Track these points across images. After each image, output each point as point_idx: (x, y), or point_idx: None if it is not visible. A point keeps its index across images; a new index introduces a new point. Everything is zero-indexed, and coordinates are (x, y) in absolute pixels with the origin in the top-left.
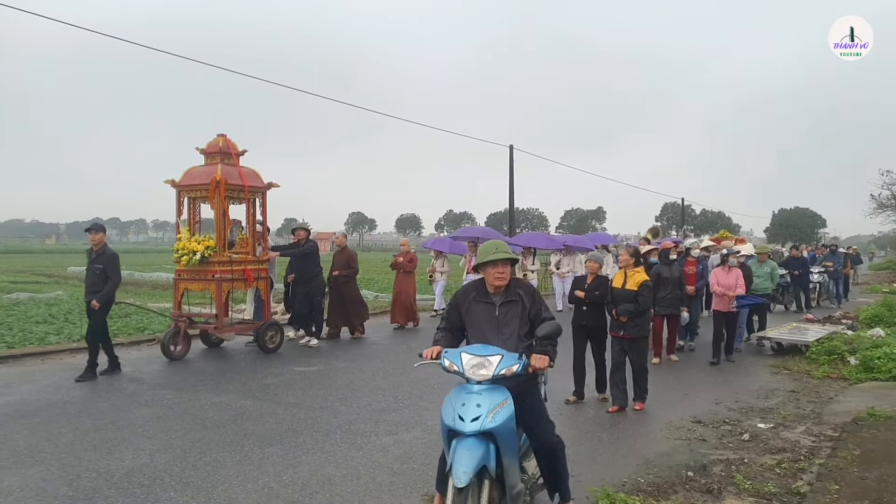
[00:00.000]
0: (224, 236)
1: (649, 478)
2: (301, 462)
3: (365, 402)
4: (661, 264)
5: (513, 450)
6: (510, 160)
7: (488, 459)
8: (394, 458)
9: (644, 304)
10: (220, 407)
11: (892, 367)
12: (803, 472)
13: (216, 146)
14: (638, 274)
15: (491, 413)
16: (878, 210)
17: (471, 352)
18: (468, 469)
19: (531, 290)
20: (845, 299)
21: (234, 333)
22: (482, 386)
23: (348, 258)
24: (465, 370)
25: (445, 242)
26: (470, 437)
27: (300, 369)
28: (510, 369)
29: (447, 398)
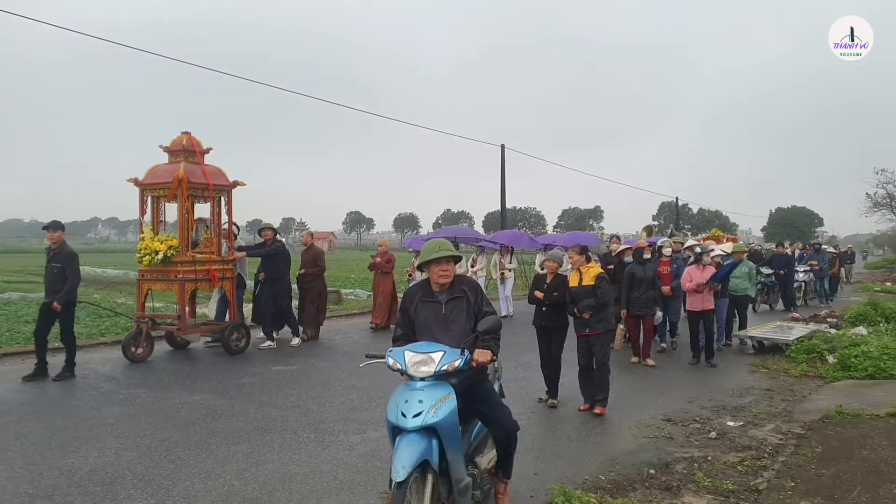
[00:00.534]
0: (187, 236)
1: (611, 475)
2: (265, 460)
3: (338, 402)
4: (634, 264)
5: (456, 444)
6: (502, 159)
7: (430, 454)
8: (358, 456)
9: (604, 297)
10: (192, 406)
11: (867, 365)
12: (764, 470)
13: (180, 144)
14: (592, 269)
15: (433, 408)
16: (873, 209)
17: (414, 349)
18: (406, 464)
19: (474, 286)
20: (831, 298)
21: (200, 335)
22: (425, 382)
23: (315, 256)
24: (407, 367)
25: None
26: (412, 433)
27: (279, 368)
28: (452, 364)
29: (392, 396)
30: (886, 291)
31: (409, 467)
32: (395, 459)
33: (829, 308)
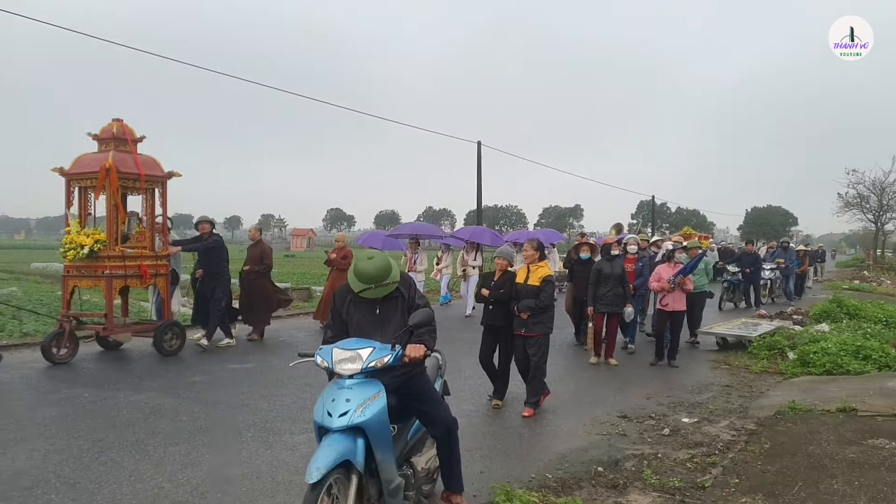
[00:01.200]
0: (116, 229)
1: (558, 473)
2: (202, 461)
3: (289, 400)
4: (602, 260)
5: (385, 444)
6: (478, 156)
7: (354, 455)
8: (301, 457)
9: (545, 301)
10: (135, 405)
11: (825, 361)
12: (713, 467)
13: (109, 132)
14: (541, 269)
15: (360, 407)
16: (844, 209)
17: (343, 346)
18: (321, 465)
19: (407, 281)
20: (797, 296)
21: (131, 335)
22: (354, 380)
23: (262, 253)
24: (334, 365)
25: (379, 238)
26: (336, 433)
27: (233, 366)
28: (381, 361)
29: (320, 396)
30: (854, 289)
31: (322, 469)
32: (311, 461)
33: (794, 306)
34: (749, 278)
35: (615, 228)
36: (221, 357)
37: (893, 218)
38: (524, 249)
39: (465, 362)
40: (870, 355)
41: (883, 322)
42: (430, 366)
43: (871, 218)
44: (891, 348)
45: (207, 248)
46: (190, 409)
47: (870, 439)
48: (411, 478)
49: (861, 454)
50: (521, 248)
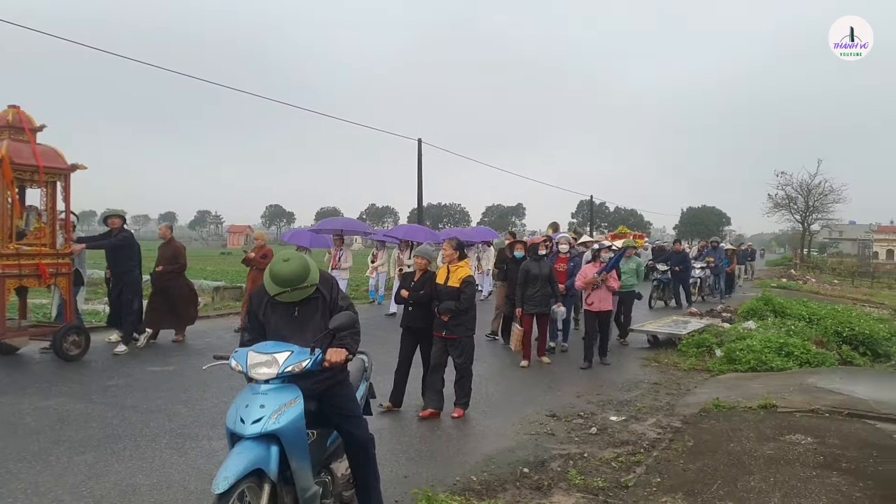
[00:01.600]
0: (10, 224)
1: (483, 476)
2: (110, 471)
3: (210, 404)
4: (530, 260)
5: (301, 451)
6: (419, 154)
7: (266, 463)
8: (216, 464)
9: (466, 302)
10: (43, 412)
11: (750, 358)
12: (638, 465)
13: (4, 119)
14: (461, 269)
15: (275, 414)
16: (774, 209)
17: (259, 349)
18: (229, 474)
19: (329, 282)
20: (728, 294)
21: (28, 338)
22: (269, 385)
23: (174, 252)
24: (248, 370)
25: (305, 236)
26: (248, 440)
27: (154, 369)
28: (299, 365)
29: (234, 401)
30: (781, 287)
31: (231, 478)
32: (220, 469)
33: (724, 303)
34: (678, 277)
35: (552, 227)
36: (142, 359)
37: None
38: (443, 249)
39: (394, 363)
40: (792, 352)
41: (806, 319)
42: (355, 368)
43: (799, 218)
44: (811, 345)
45: (116, 245)
46: (102, 415)
47: (787, 435)
48: (329, 484)
49: (778, 450)
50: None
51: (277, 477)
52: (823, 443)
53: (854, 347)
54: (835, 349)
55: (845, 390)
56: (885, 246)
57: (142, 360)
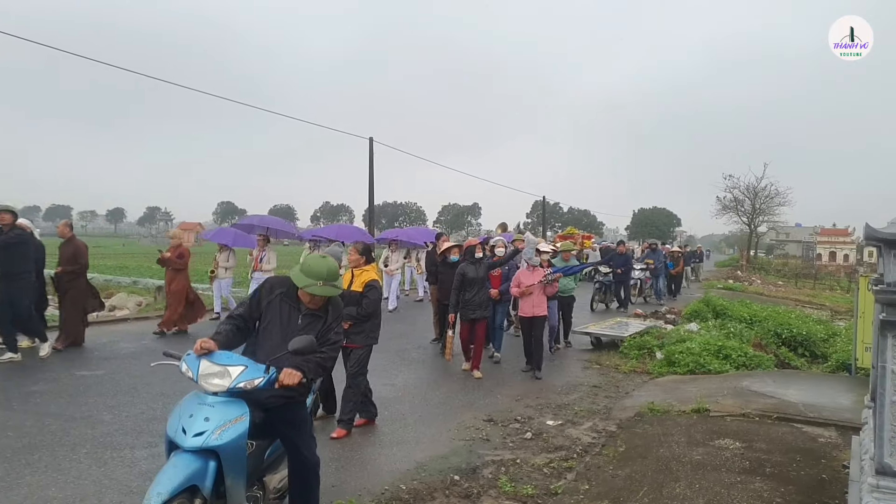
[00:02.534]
0: None
1: (413, 484)
2: (21, 483)
3: (138, 411)
4: (466, 263)
5: (239, 470)
6: (370, 152)
7: (202, 479)
8: (138, 475)
9: (368, 307)
10: None
11: (689, 361)
12: (569, 471)
13: None
14: (366, 273)
15: (219, 429)
16: (722, 211)
17: (213, 359)
18: (163, 490)
19: (338, 310)
20: (672, 296)
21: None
22: (218, 398)
23: (75, 251)
24: (198, 378)
25: (229, 234)
26: (186, 453)
27: (82, 373)
28: (251, 382)
29: (177, 405)
30: (727, 288)
31: (164, 494)
32: (154, 483)
33: (668, 305)
34: (620, 279)
35: (500, 227)
36: (72, 362)
37: (765, 221)
38: (349, 254)
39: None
40: (730, 355)
41: (747, 321)
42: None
43: (746, 220)
44: (749, 348)
45: (7, 244)
46: (20, 422)
47: (717, 440)
48: (260, 499)
49: (706, 455)
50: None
51: (210, 493)
52: (750, 447)
53: (792, 349)
54: (773, 351)
55: (777, 393)
56: (827, 248)
57: (72, 362)
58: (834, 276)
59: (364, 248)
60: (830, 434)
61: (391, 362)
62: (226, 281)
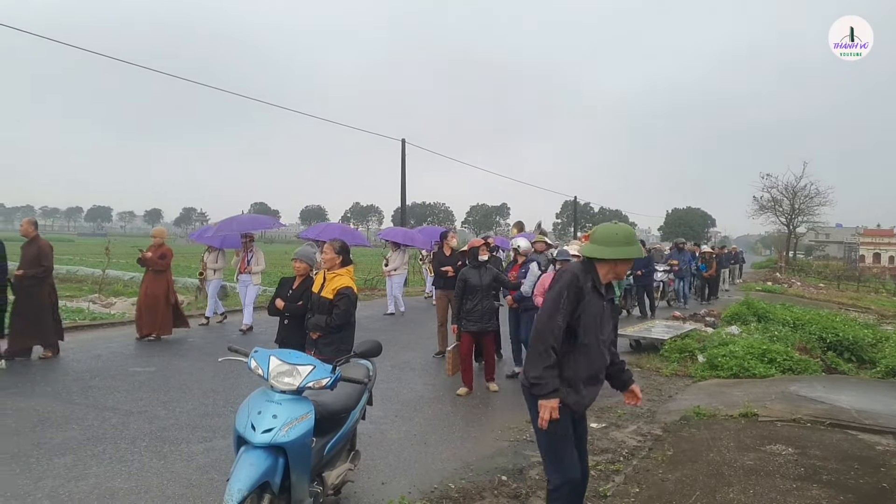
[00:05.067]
0: None
1: (461, 483)
2: (88, 475)
3: (190, 407)
4: (469, 267)
5: (304, 467)
6: (402, 154)
7: (273, 475)
8: (196, 469)
9: (339, 318)
10: (24, 413)
11: (732, 364)
12: (616, 474)
13: None
14: (339, 278)
15: (286, 426)
16: (759, 211)
17: (281, 356)
18: (243, 486)
19: None
20: (705, 300)
21: None
22: (284, 396)
23: (38, 252)
24: (269, 376)
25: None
26: (257, 449)
27: (135, 369)
28: (319, 383)
29: (246, 401)
30: (766, 291)
31: (244, 490)
32: (232, 479)
33: (707, 307)
34: (641, 282)
35: (516, 227)
36: (124, 359)
37: (804, 221)
38: (323, 252)
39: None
40: (775, 358)
41: (790, 325)
42: (361, 374)
43: (784, 221)
44: (794, 351)
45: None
46: (82, 416)
47: (768, 445)
48: (320, 495)
49: (758, 461)
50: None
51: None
52: (804, 454)
53: (839, 354)
54: (819, 356)
55: (828, 399)
56: (871, 249)
57: (124, 359)
58: (879, 278)
59: (342, 247)
60: (889, 442)
61: (431, 361)
62: (215, 282)
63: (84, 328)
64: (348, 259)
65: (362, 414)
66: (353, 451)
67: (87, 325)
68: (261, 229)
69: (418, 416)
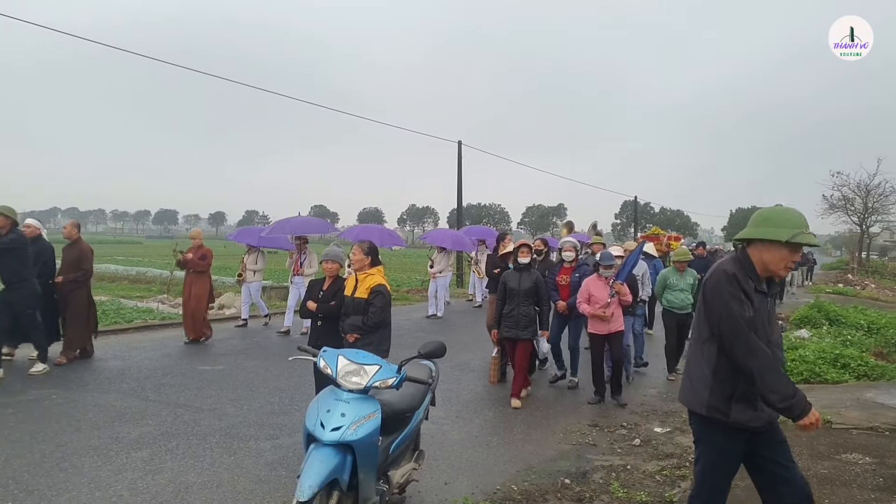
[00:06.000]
0: None
1: (524, 485)
2: (164, 468)
3: (257, 405)
4: (511, 270)
5: (371, 464)
6: (458, 156)
7: (341, 472)
8: (264, 465)
9: (375, 316)
10: (102, 408)
11: (803, 370)
12: (683, 480)
13: None
14: (371, 277)
15: (354, 425)
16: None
17: (349, 356)
18: (314, 483)
19: None
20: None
21: None
22: (352, 395)
23: (79, 255)
24: (337, 375)
25: (255, 235)
26: (327, 447)
27: (204, 368)
28: (385, 382)
29: (315, 400)
30: (837, 293)
31: (315, 487)
32: (303, 475)
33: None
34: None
35: (566, 227)
36: (193, 357)
37: (879, 220)
38: (352, 254)
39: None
40: (848, 364)
41: (864, 329)
42: (424, 374)
43: (856, 220)
44: (870, 357)
45: (2, 250)
46: (156, 412)
47: (843, 454)
48: (386, 494)
49: (833, 470)
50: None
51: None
52: (883, 463)
53: None
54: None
55: None
56: None
57: (193, 357)
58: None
59: (370, 248)
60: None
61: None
62: (255, 284)
63: (154, 327)
64: (377, 259)
65: (426, 414)
66: (417, 450)
67: (157, 325)
68: (313, 233)
69: (479, 417)
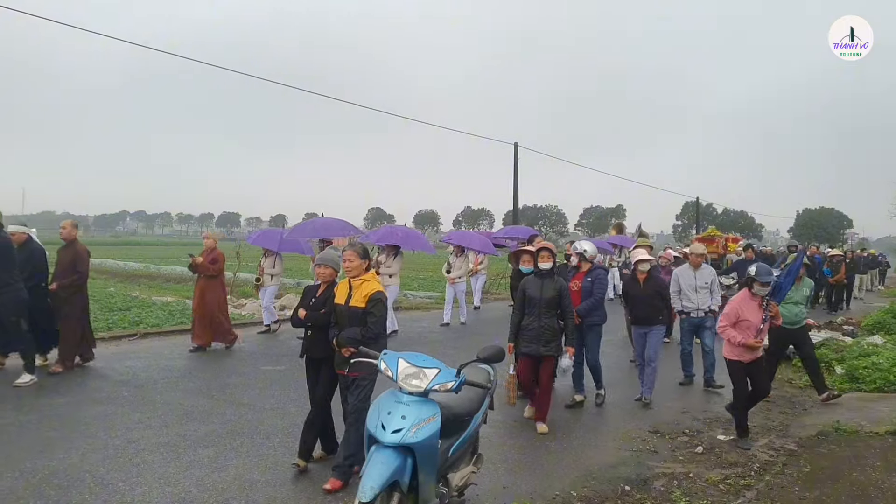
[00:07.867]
0: None
1: (584, 491)
2: (229, 466)
3: None
4: (530, 277)
5: (431, 466)
6: (515, 158)
7: (402, 474)
8: (323, 466)
9: (377, 326)
10: (170, 406)
11: (877, 377)
12: (747, 489)
13: None
14: (367, 284)
15: (415, 427)
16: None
17: (409, 359)
18: (375, 484)
19: None
20: (831, 310)
21: None
22: (412, 397)
23: (74, 257)
24: (398, 378)
25: (274, 238)
26: (388, 449)
27: (267, 368)
28: (444, 385)
29: (376, 401)
30: None
31: (376, 488)
32: (365, 476)
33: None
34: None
35: (615, 228)
36: (256, 358)
37: None
38: (344, 258)
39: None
40: None
41: None
42: (482, 378)
43: None
44: None
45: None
46: (221, 411)
47: None
48: (445, 496)
49: None
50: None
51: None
52: None
53: None
54: None
55: None
56: None
57: (256, 358)
58: None
59: (364, 252)
60: None
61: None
62: (271, 288)
63: None
64: (371, 264)
65: (484, 417)
66: (475, 454)
67: None
68: (335, 235)
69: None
